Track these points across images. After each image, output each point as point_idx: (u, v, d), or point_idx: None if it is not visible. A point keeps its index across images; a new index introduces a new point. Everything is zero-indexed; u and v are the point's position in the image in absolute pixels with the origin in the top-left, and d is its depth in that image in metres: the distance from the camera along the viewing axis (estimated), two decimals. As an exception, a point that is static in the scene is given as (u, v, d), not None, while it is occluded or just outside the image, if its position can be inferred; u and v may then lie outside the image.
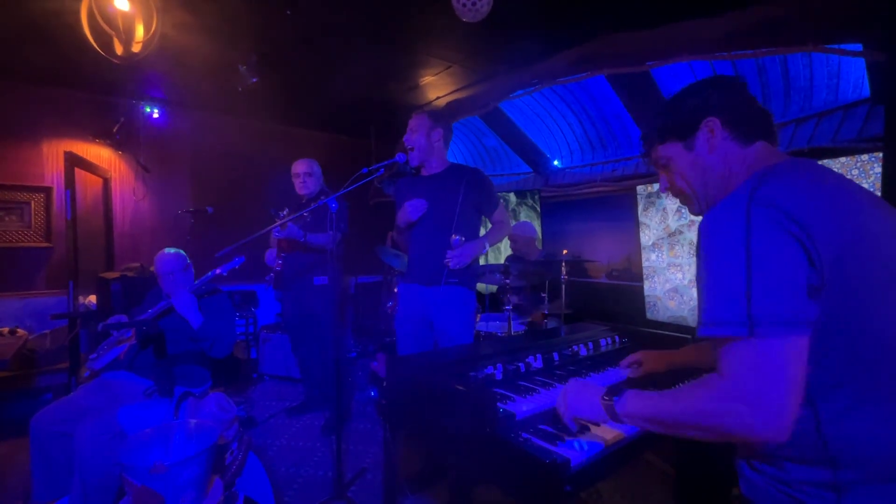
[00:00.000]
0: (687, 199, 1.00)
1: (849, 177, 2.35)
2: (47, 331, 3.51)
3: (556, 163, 4.38)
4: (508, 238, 3.57)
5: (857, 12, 1.76)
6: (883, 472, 0.70)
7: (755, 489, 0.83)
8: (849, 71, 2.37)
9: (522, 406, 1.12)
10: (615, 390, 0.94)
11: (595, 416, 0.96)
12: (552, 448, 0.96)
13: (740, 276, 0.69)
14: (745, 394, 0.67)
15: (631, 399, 0.89)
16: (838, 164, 2.30)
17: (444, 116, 2.22)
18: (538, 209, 4.29)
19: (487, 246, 2.12)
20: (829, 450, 0.71)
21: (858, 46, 1.80)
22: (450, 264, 2.04)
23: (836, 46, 1.95)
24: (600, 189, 3.82)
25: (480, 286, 4.21)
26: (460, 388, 1.11)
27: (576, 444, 0.99)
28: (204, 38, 2.84)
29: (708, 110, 0.92)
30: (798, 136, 2.61)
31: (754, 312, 0.67)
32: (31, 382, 3.23)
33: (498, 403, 1.08)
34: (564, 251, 2.70)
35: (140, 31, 2.00)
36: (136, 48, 1.99)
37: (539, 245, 3.82)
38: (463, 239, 2.06)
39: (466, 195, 2.09)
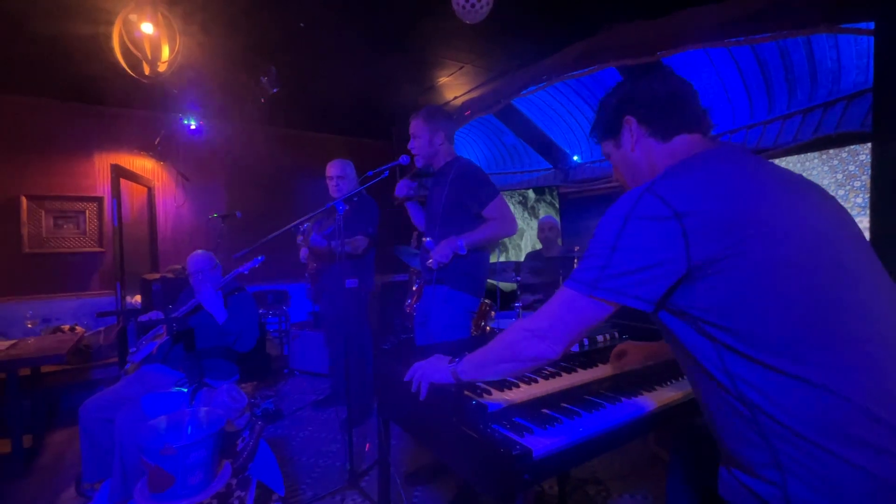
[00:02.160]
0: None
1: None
2: (101, 328, 3.85)
3: (575, 158, 4.32)
4: (539, 228, 3.55)
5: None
6: (817, 443, 0.70)
7: (731, 491, 0.84)
8: (880, 49, 2.21)
9: (497, 399, 1.16)
10: (458, 357, 1.10)
11: (447, 379, 1.10)
12: (518, 438, 0.99)
13: (606, 252, 0.81)
14: (545, 329, 0.88)
15: (466, 360, 1.07)
16: (867, 150, 2.15)
17: (440, 116, 2.13)
18: (557, 205, 4.25)
19: (463, 244, 1.97)
20: (761, 426, 0.73)
21: (871, 25, 1.68)
22: (432, 266, 2.01)
23: (856, 26, 1.83)
24: (618, 183, 3.73)
25: (498, 285, 4.21)
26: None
27: (545, 435, 1.02)
28: (225, 55, 3.03)
29: (626, 109, 0.98)
30: (826, 121, 2.45)
31: (600, 281, 0.81)
32: (87, 375, 3.56)
33: (468, 395, 1.12)
34: (576, 248, 2.68)
35: (165, 53, 2.18)
36: (161, 68, 2.17)
37: (560, 242, 3.79)
38: (429, 240, 2.06)
39: (450, 191, 2.03)
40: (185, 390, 2.15)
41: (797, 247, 0.75)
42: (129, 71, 2.19)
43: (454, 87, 3.82)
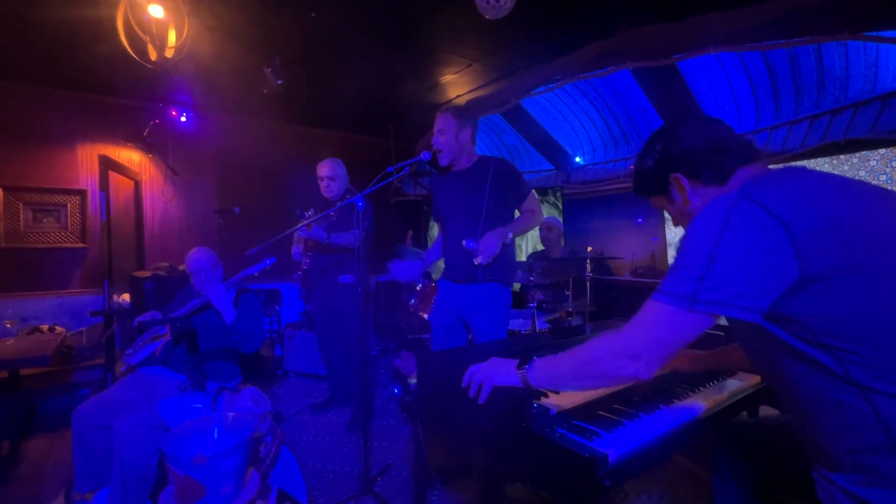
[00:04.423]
0: None
1: (889, 168, 2.28)
2: (83, 328, 3.64)
3: (577, 159, 4.34)
4: (539, 228, 3.57)
5: (899, -3, 1.70)
6: None
7: (832, 499, 0.81)
8: (888, 59, 2.28)
9: (555, 401, 1.12)
10: (526, 361, 1.06)
11: (515, 382, 1.06)
12: (589, 443, 0.95)
13: (703, 262, 0.77)
14: (639, 349, 0.84)
15: (538, 367, 1.02)
16: (878, 156, 2.22)
17: (469, 113, 2.16)
18: (560, 206, 4.26)
19: (510, 234, 2.04)
20: (894, 437, 0.70)
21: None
22: (480, 262, 1.97)
23: (874, 34, 1.87)
24: (623, 185, 3.77)
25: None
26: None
27: (613, 439, 0.99)
28: (230, 42, 2.91)
29: (668, 168, 0.97)
30: (833, 128, 2.52)
31: (700, 293, 0.76)
32: (69, 378, 3.35)
33: (531, 398, 1.08)
34: (589, 248, 2.68)
35: (172, 37, 2.06)
36: (168, 53, 2.05)
37: (562, 243, 3.80)
38: (469, 240, 2.02)
39: (492, 188, 2.05)
40: (183, 390, 2.04)
41: None
42: (135, 56, 2.06)
43: (459, 84, 3.78)
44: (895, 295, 0.71)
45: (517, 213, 2.23)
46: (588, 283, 2.66)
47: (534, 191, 4.35)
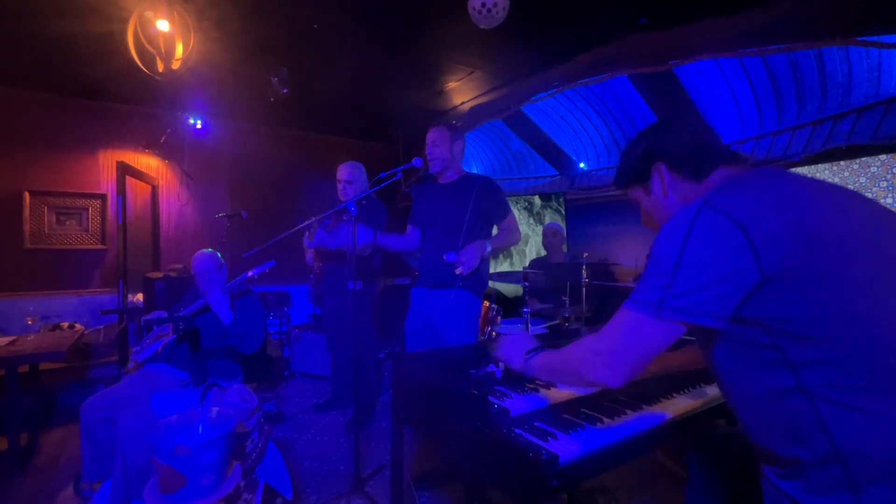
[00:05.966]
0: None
1: (889, 175, 2.23)
2: (101, 326, 3.80)
3: (581, 165, 4.33)
4: (543, 233, 3.60)
5: (892, 3, 1.67)
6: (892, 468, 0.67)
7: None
8: (891, 63, 2.23)
9: (519, 403, 1.14)
10: (539, 348, 1.08)
11: (516, 366, 1.10)
12: (542, 444, 0.97)
13: (669, 270, 0.78)
14: (609, 356, 0.84)
15: (540, 357, 1.05)
16: (878, 162, 2.17)
17: (461, 128, 2.30)
18: (563, 212, 4.25)
19: (489, 247, 2.12)
20: (837, 445, 0.71)
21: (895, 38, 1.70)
22: (462, 272, 2.05)
23: (874, 39, 1.84)
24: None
25: (503, 289, 4.21)
26: (457, 384, 1.14)
27: (569, 441, 1.01)
28: (237, 53, 3.03)
29: (654, 157, 0.99)
30: (836, 133, 2.47)
31: (666, 301, 0.77)
32: (86, 373, 3.51)
33: (492, 399, 1.10)
34: (585, 254, 2.68)
35: (179, 50, 2.18)
36: (175, 65, 2.16)
37: (565, 248, 3.79)
38: (449, 252, 2.11)
39: (476, 204, 2.14)
40: (184, 387, 2.12)
41: (876, 265, 0.73)
42: (143, 68, 2.18)
43: (462, 91, 3.83)
44: (853, 300, 0.72)
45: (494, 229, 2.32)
46: (584, 289, 2.65)
47: (537, 197, 4.42)
